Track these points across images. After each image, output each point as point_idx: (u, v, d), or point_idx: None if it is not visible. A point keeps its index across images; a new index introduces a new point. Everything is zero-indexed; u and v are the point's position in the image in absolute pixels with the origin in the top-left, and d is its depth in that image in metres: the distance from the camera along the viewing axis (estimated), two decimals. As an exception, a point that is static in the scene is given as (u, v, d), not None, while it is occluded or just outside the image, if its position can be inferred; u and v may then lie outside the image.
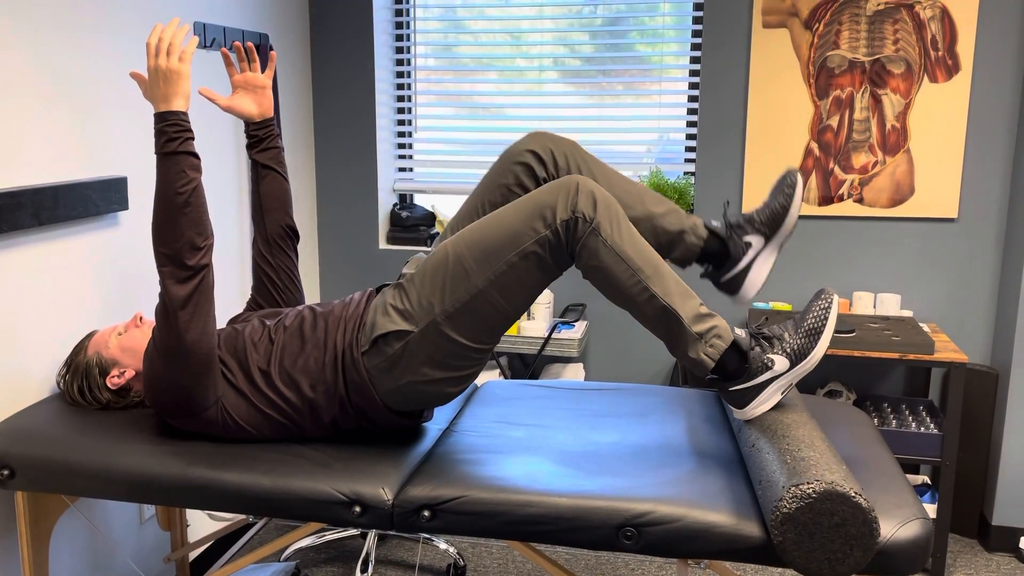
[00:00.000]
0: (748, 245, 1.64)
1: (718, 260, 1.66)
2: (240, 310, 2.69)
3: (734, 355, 1.51)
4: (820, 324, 1.51)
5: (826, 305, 1.52)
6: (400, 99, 3.23)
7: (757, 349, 1.52)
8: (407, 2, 3.13)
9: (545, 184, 1.59)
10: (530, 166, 1.63)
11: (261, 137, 1.90)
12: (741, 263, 1.65)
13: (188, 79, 1.59)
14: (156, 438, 1.68)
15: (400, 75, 3.21)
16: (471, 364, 1.62)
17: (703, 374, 1.53)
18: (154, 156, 2.22)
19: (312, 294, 3.23)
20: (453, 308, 1.55)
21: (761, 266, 1.66)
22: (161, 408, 1.64)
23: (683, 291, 1.51)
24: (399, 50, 3.19)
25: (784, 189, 1.64)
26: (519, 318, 1.62)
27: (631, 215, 1.64)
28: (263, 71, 2.54)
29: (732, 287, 1.68)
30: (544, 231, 1.51)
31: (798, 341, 1.51)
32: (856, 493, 1.28)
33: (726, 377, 1.54)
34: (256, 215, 1.92)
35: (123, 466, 1.58)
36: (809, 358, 1.51)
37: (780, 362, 1.51)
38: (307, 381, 1.63)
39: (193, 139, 1.59)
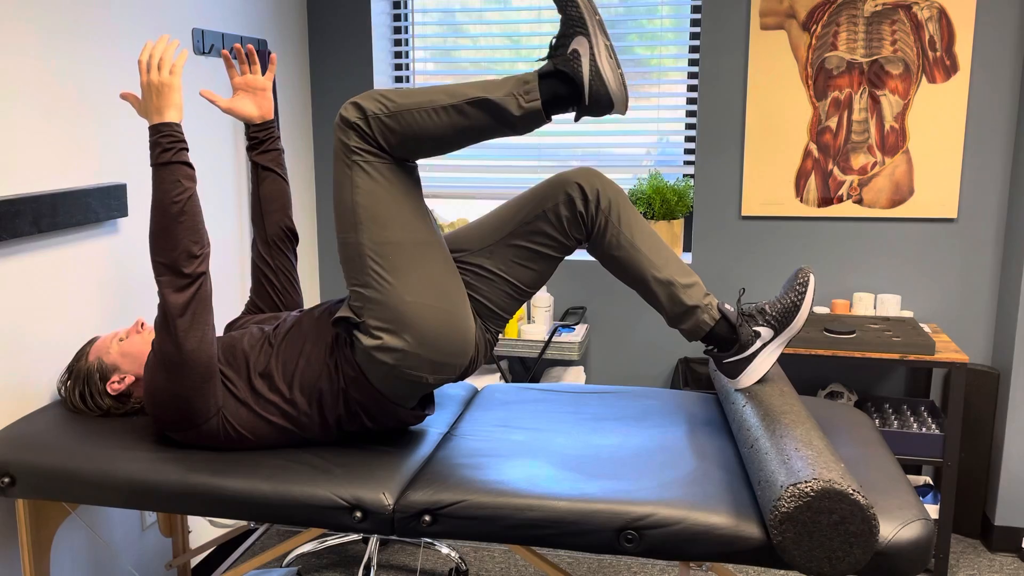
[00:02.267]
0: (757, 335, 1.67)
1: (723, 344, 1.69)
2: (238, 314, 2.69)
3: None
4: (800, 291, 1.66)
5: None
6: (399, 104, 3.23)
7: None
8: (405, 7, 3.14)
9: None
10: (573, 199, 1.64)
11: (261, 139, 1.90)
12: (748, 351, 1.68)
13: (179, 91, 1.62)
14: (157, 445, 1.68)
15: (399, 79, 3.21)
16: (445, 323, 1.58)
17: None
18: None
19: (312, 296, 3.23)
20: (387, 273, 1.55)
21: (766, 357, 1.70)
22: (162, 420, 1.64)
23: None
24: (398, 55, 3.19)
25: (796, 287, 1.68)
26: (437, 246, 1.59)
27: (655, 275, 1.66)
28: (263, 73, 2.55)
29: (733, 371, 1.71)
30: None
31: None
32: (854, 490, 1.28)
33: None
34: (256, 217, 1.93)
35: (124, 473, 1.58)
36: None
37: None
38: (309, 382, 1.63)
39: (187, 149, 1.60)
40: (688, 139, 2.99)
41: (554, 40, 1.56)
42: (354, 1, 3.02)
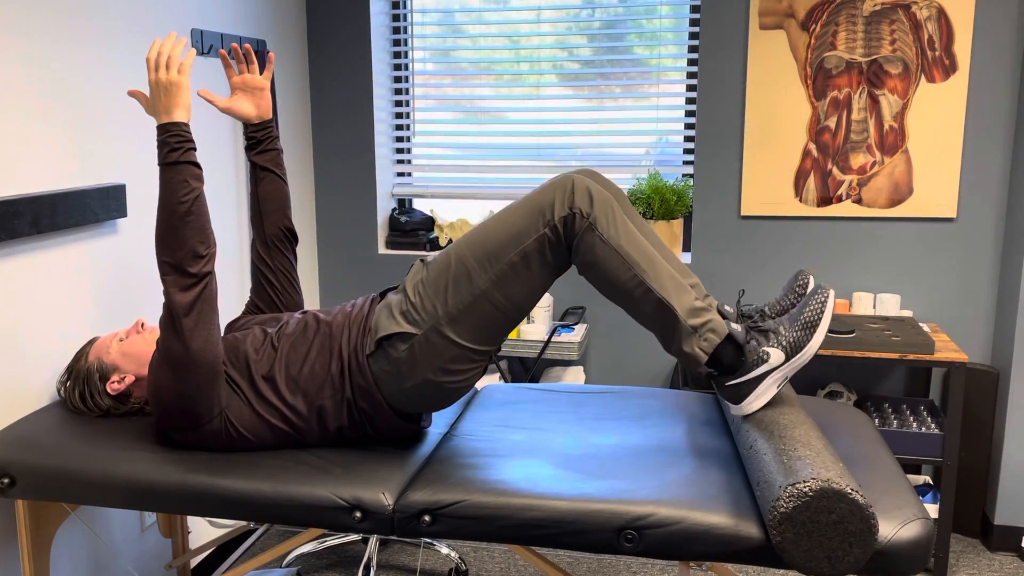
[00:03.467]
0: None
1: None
2: (239, 314, 2.69)
3: (729, 348, 1.52)
4: (816, 317, 1.51)
5: (822, 299, 1.52)
6: (398, 103, 3.23)
7: (753, 343, 1.53)
8: (404, 7, 3.14)
9: (544, 184, 1.60)
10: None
11: (260, 139, 1.90)
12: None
13: (188, 91, 1.61)
14: (156, 445, 1.68)
15: (398, 80, 3.21)
16: (474, 366, 1.63)
17: (697, 369, 1.54)
18: (153, 164, 2.23)
19: (311, 299, 3.23)
20: (456, 310, 1.56)
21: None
22: (165, 420, 1.63)
23: (678, 285, 1.52)
24: (397, 55, 3.19)
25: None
26: (522, 319, 1.63)
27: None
28: (261, 73, 2.55)
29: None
30: (543, 229, 1.53)
31: (794, 334, 1.52)
32: (853, 490, 1.28)
33: (722, 371, 1.54)
34: (255, 217, 1.93)
35: (123, 473, 1.58)
36: (805, 350, 1.51)
37: (776, 355, 1.51)
38: (314, 387, 1.63)
39: (195, 149, 1.60)
40: (687, 139, 2.99)
41: (773, 313, 1.59)
42: (353, 1, 3.02)
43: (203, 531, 2.53)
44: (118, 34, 2.09)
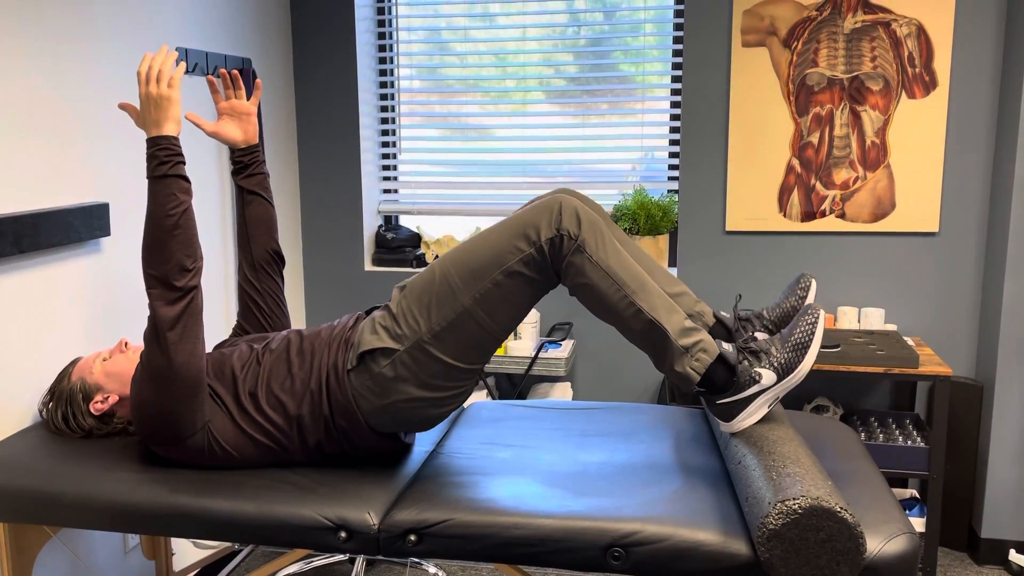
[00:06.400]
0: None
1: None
2: (225, 336, 2.67)
3: (721, 369, 1.52)
4: (807, 338, 1.52)
5: (813, 320, 1.53)
6: (384, 121, 3.24)
7: (745, 363, 1.53)
8: (390, 25, 3.15)
9: (531, 205, 1.60)
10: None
11: (247, 163, 1.90)
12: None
13: (178, 104, 1.61)
14: (139, 466, 1.66)
15: (384, 97, 3.22)
16: (457, 385, 1.62)
17: (689, 389, 1.54)
18: (137, 182, 2.22)
19: (297, 316, 3.21)
20: (439, 327, 1.56)
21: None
22: (147, 434, 1.62)
23: (669, 306, 1.52)
24: (383, 72, 3.20)
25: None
26: (505, 338, 1.63)
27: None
28: (248, 98, 2.55)
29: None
30: (528, 249, 1.52)
31: (785, 355, 1.52)
32: (842, 508, 1.28)
33: (713, 390, 1.55)
34: (242, 240, 1.92)
35: (105, 495, 1.57)
36: (796, 372, 1.52)
37: (767, 376, 1.52)
38: (293, 402, 1.63)
39: (184, 163, 1.60)
40: (672, 155, 3.01)
41: (772, 316, 1.61)
42: (339, 19, 3.03)
43: (187, 553, 2.50)
44: (102, 53, 2.08)
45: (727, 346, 1.54)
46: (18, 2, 1.83)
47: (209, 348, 2.69)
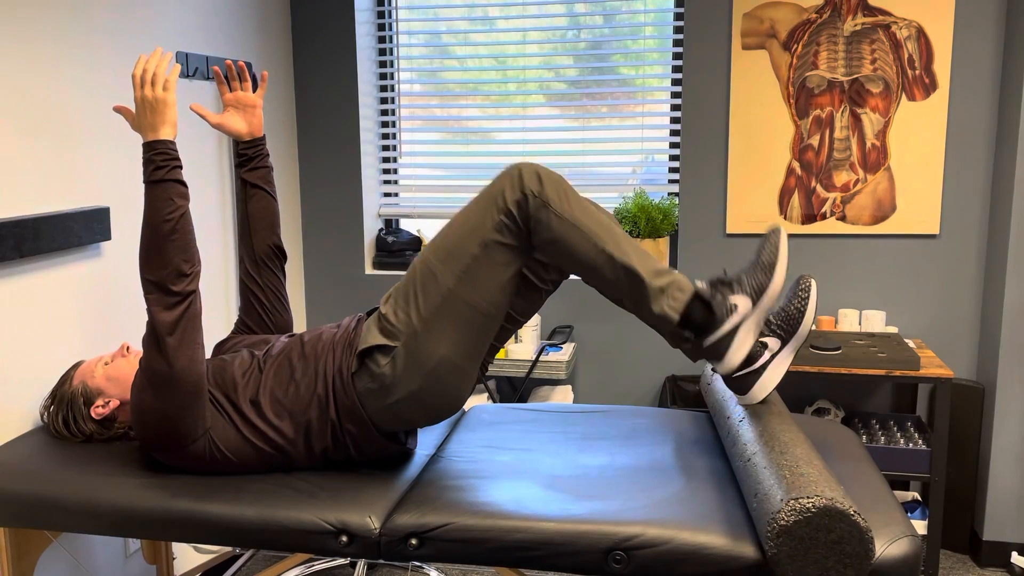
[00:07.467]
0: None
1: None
2: (225, 335, 2.67)
3: (698, 305, 1.55)
4: (772, 258, 1.57)
5: (775, 241, 1.58)
6: (385, 124, 3.24)
7: (719, 296, 1.56)
8: (390, 29, 3.16)
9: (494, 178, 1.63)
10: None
11: (251, 156, 1.90)
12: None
13: (174, 108, 1.60)
14: (140, 471, 1.66)
15: (384, 100, 3.22)
16: (460, 377, 1.62)
17: (670, 328, 1.56)
18: (137, 186, 2.22)
19: (298, 320, 3.21)
20: (429, 314, 1.56)
21: (776, 368, 1.59)
22: (148, 440, 1.62)
23: (639, 250, 1.55)
24: (383, 76, 3.20)
25: (799, 292, 1.61)
26: (499, 320, 1.62)
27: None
28: (254, 90, 2.54)
29: (742, 386, 1.61)
30: (499, 216, 1.54)
31: (755, 279, 1.56)
32: (855, 512, 1.28)
33: (697, 331, 1.56)
34: (244, 235, 1.92)
35: (106, 500, 1.56)
36: (768, 290, 1.56)
37: (743, 302, 1.55)
38: (299, 409, 1.62)
39: (181, 167, 1.60)
40: (673, 158, 3.01)
41: (730, 273, 1.60)
42: (339, 22, 3.03)
43: (188, 557, 2.50)
44: (102, 57, 2.08)
45: (700, 283, 1.58)
46: (18, 5, 1.83)
47: (210, 345, 2.69)
